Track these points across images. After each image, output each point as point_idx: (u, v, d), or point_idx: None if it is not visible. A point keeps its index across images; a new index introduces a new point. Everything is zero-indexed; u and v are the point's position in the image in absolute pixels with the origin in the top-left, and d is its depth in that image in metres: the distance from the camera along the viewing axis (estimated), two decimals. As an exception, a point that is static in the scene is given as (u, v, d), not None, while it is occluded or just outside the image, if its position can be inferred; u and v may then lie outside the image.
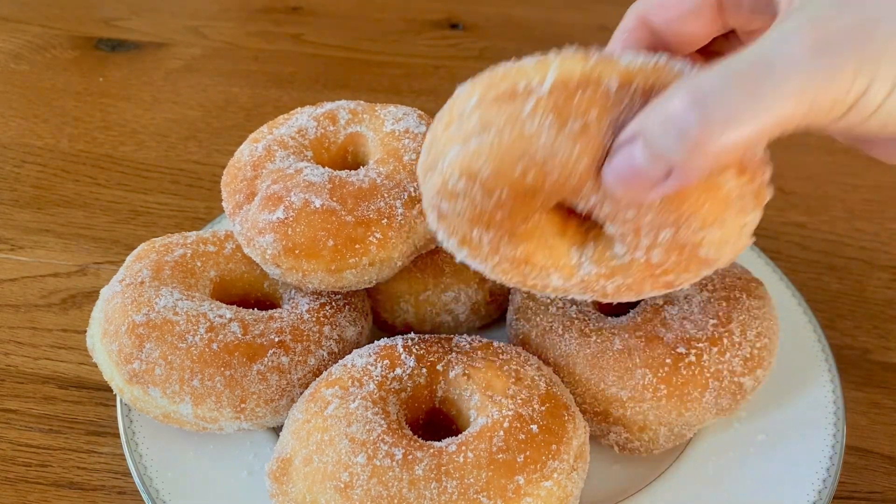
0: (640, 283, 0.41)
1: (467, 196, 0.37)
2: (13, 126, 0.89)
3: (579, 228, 0.42)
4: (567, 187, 0.36)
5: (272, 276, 0.55)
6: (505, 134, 0.35)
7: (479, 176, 0.36)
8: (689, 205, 0.36)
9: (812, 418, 0.56)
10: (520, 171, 0.35)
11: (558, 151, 0.34)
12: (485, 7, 1.14)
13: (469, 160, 0.36)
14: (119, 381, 0.52)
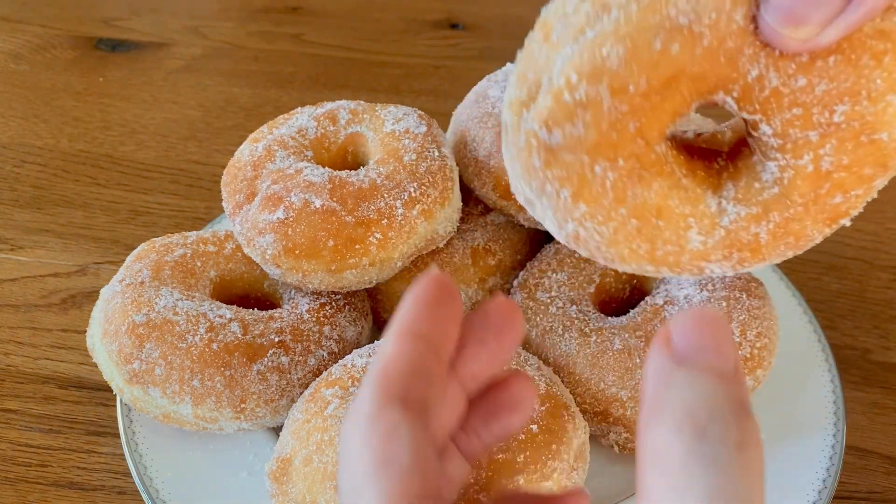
0: (801, 217, 0.33)
1: (590, 106, 0.29)
2: (13, 126, 0.89)
3: (709, 171, 0.34)
4: (720, 60, 0.29)
5: (272, 276, 0.55)
6: (633, 7, 0.28)
7: (607, 69, 0.29)
8: (868, 55, 0.28)
9: (812, 418, 0.56)
10: (661, 45, 0.28)
11: (707, 7, 0.28)
12: (485, 7, 1.14)
13: (590, 53, 0.29)
14: (119, 381, 0.52)
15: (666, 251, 0.34)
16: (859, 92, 0.29)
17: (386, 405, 0.27)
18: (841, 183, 0.32)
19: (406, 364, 0.28)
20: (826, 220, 0.33)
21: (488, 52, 1.06)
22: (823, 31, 0.27)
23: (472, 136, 0.62)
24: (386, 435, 0.26)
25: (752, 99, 0.30)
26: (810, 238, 0.34)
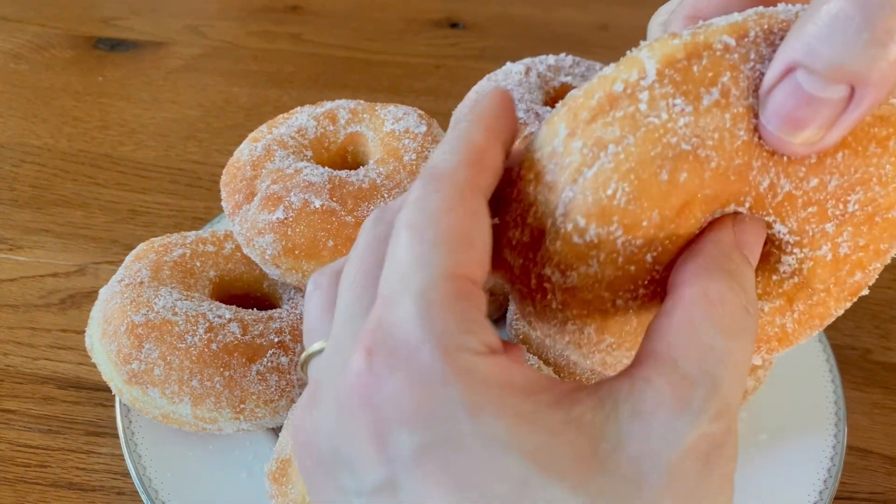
0: (825, 300, 0.33)
1: (603, 246, 0.28)
2: (11, 125, 0.88)
3: None
4: (730, 179, 0.28)
5: (272, 276, 0.54)
6: (630, 140, 0.27)
7: (616, 209, 0.27)
8: (874, 143, 0.28)
9: (813, 418, 0.56)
10: (668, 175, 0.27)
11: (707, 129, 0.27)
12: (485, 6, 1.14)
13: (594, 194, 0.27)
14: (118, 381, 0.51)
15: None
16: (870, 179, 0.29)
17: (475, 192, 0.27)
18: (860, 262, 0.32)
19: (494, 161, 0.29)
20: (848, 296, 0.33)
21: (488, 51, 1.06)
22: (828, 133, 0.27)
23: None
24: (472, 213, 0.27)
25: (766, 205, 0.29)
26: (833, 315, 0.34)
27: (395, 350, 0.24)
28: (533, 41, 1.07)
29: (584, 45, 1.05)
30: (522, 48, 0.89)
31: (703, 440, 0.25)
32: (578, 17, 1.12)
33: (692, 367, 0.25)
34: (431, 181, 0.27)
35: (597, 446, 0.24)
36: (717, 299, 0.27)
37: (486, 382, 0.24)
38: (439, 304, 0.25)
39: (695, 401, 0.25)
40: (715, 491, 0.25)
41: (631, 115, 0.27)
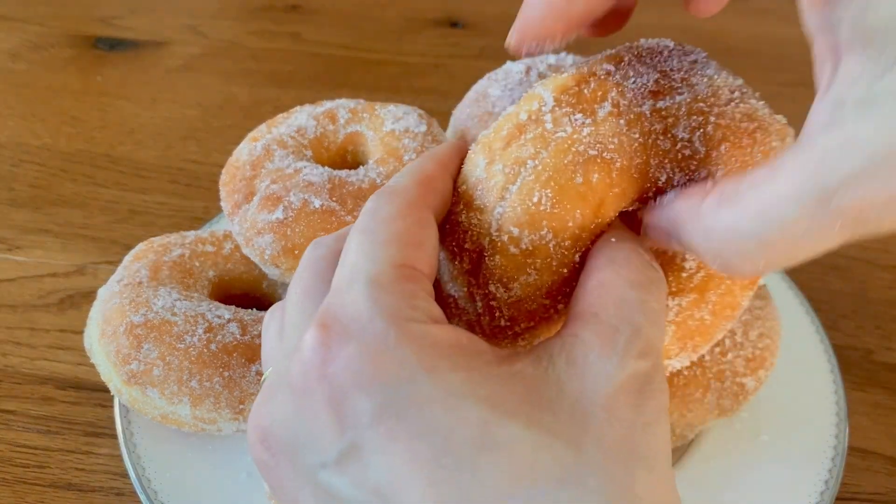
0: (731, 288, 0.36)
1: (538, 253, 0.32)
2: (10, 125, 0.88)
3: None
4: (633, 176, 0.32)
5: (271, 276, 0.54)
6: (543, 153, 0.31)
7: (543, 213, 0.31)
8: (746, 136, 0.33)
9: (814, 419, 0.55)
10: (582, 178, 0.31)
11: (607, 135, 0.31)
12: (485, 5, 1.14)
13: (522, 205, 0.31)
14: (117, 381, 0.51)
15: None
16: (747, 167, 0.33)
17: (423, 206, 0.31)
18: None
19: (443, 188, 0.33)
20: (748, 284, 0.37)
21: (488, 50, 1.05)
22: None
23: (473, 135, 0.61)
24: (421, 221, 0.30)
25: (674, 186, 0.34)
26: (741, 305, 0.37)
27: (347, 325, 0.26)
28: (533, 40, 1.07)
29: (585, 44, 1.05)
30: (522, 47, 0.88)
31: (633, 377, 0.28)
32: (578, 17, 1.12)
33: (612, 317, 0.29)
34: (384, 195, 0.31)
35: (541, 393, 0.27)
36: (622, 261, 0.31)
37: (438, 344, 0.26)
38: (387, 286, 0.27)
39: (619, 344, 0.28)
40: (651, 420, 0.28)
41: (540, 134, 0.31)
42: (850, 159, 0.24)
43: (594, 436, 0.26)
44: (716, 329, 0.37)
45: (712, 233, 0.28)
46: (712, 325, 0.37)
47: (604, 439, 0.26)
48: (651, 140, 0.32)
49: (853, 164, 0.23)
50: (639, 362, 0.28)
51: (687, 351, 0.37)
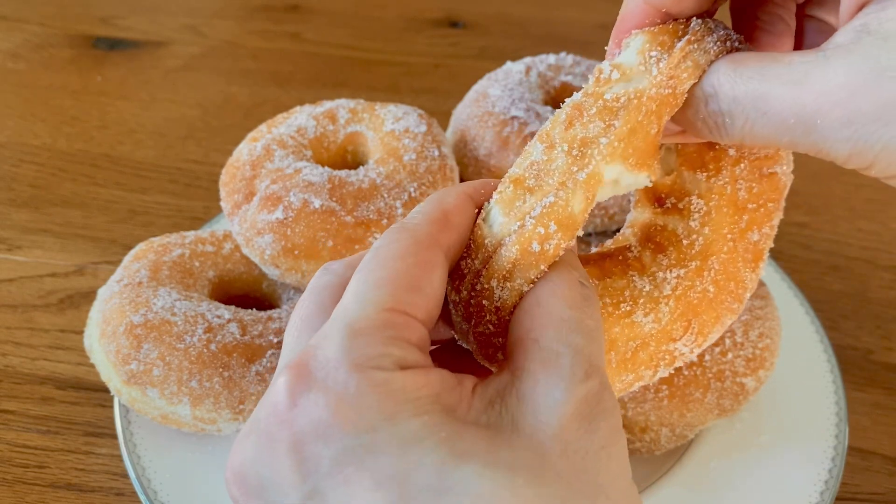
0: (733, 256, 0.37)
1: (545, 258, 0.33)
2: (10, 125, 0.88)
3: (625, 263, 0.38)
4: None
5: (271, 276, 0.54)
6: (616, 123, 0.34)
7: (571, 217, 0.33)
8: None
9: (814, 419, 0.55)
10: (657, 125, 0.34)
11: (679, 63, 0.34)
12: (485, 5, 1.14)
13: (586, 189, 0.33)
14: (117, 381, 0.51)
15: (629, 349, 0.36)
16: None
17: (435, 244, 0.31)
18: (753, 218, 0.37)
19: (460, 224, 0.33)
20: (751, 262, 0.38)
21: (488, 50, 1.05)
22: None
23: (473, 135, 0.61)
24: (424, 263, 0.30)
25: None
26: (744, 281, 0.38)
27: (314, 373, 0.27)
28: (533, 40, 1.07)
29: (585, 44, 1.05)
30: (522, 47, 0.89)
31: (582, 401, 0.28)
32: (579, 17, 1.12)
33: (552, 341, 0.29)
34: (395, 232, 0.31)
35: (499, 431, 0.27)
36: (556, 279, 0.31)
37: (401, 391, 0.27)
38: (363, 332, 0.28)
39: (563, 369, 0.28)
40: (605, 443, 0.28)
41: (602, 107, 0.33)
42: None
43: (553, 470, 0.26)
44: (720, 306, 0.37)
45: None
46: (716, 299, 0.37)
47: (562, 473, 0.27)
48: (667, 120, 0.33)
49: None
50: (585, 384, 0.28)
51: (693, 333, 0.37)
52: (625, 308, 0.35)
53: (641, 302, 0.36)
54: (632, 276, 0.37)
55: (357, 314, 0.28)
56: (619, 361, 0.36)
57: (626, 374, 0.36)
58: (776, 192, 0.38)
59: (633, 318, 0.36)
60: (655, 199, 0.39)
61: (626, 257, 0.38)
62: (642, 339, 0.36)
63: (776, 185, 0.38)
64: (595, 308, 0.32)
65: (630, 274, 0.37)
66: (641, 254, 0.38)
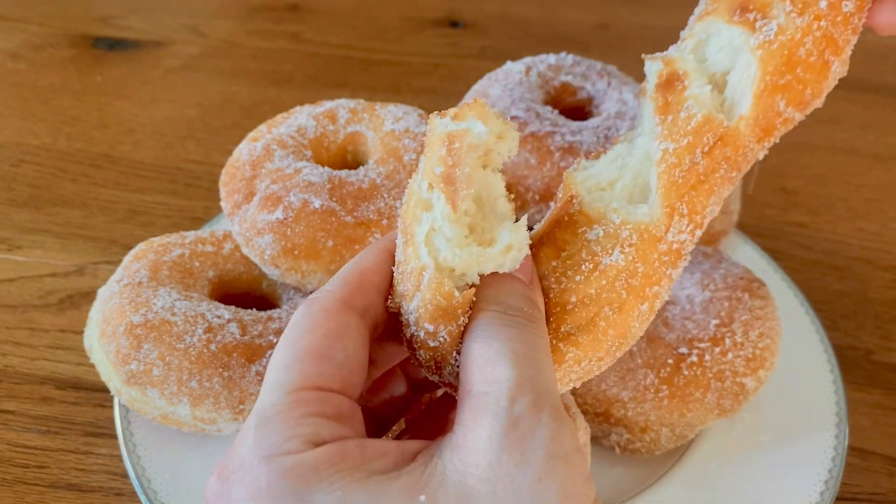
0: (737, 128, 0.34)
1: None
2: (10, 125, 0.88)
3: (570, 226, 0.36)
4: None
5: (271, 276, 0.54)
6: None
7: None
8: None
9: (814, 419, 0.55)
10: None
11: None
12: (485, 5, 1.14)
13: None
14: (117, 381, 0.51)
15: (622, 287, 0.35)
16: None
17: (346, 308, 0.32)
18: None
19: (380, 280, 0.34)
20: (760, 134, 0.35)
21: (488, 50, 1.05)
22: None
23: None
24: (334, 332, 0.31)
25: None
26: (747, 149, 0.35)
27: (234, 471, 0.29)
28: (533, 40, 1.07)
29: (585, 44, 1.05)
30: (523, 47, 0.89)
31: (510, 432, 0.28)
32: (579, 17, 1.12)
33: (479, 384, 0.29)
34: (305, 306, 0.32)
35: (425, 485, 0.27)
36: (485, 321, 0.31)
37: (314, 469, 0.27)
38: (272, 419, 0.29)
39: (489, 407, 0.28)
40: (541, 472, 0.27)
41: None
42: None
43: None
44: (716, 181, 0.35)
45: None
46: (706, 171, 0.35)
47: None
48: None
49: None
50: (511, 412, 0.28)
51: (683, 215, 0.35)
52: (587, 267, 0.35)
53: (599, 249, 0.35)
54: (583, 234, 0.35)
55: (267, 402, 0.30)
56: (623, 305, 0.34)
57: (642, 304, 0.35)
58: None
59: (600, 268, 0.34)
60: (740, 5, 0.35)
61: (571, 213, 0.36)
62: (627, 269, 0.34)
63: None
64: (530, 331, 0.31)
65: (580, 231, 0.35)
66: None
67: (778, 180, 0.82)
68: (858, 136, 0.90)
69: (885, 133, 0.91)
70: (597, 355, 0.35)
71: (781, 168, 0.84)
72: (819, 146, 0.88)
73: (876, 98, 0.96)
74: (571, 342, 0.34)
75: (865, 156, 0.88)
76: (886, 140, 0.90)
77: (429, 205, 0.33)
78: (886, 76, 1.00)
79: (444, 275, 0.32)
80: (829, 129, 0.90)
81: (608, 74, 0.65)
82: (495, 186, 0.34)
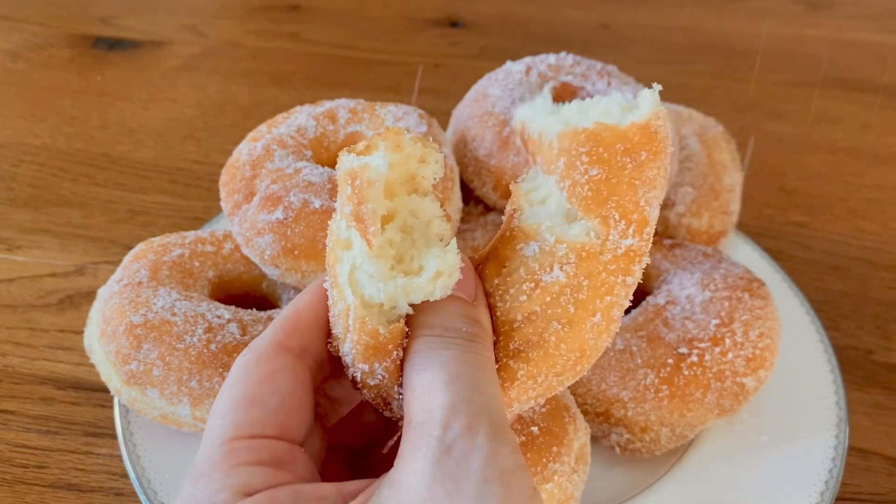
0: None
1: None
2: (10, 125, 0.88)
3: (509, 241, 0.35)
4: None
5: (271, 276, 0.54)
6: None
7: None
8: None
9: (814, 419, 0.55)
10: None
11: None
12: (485, 5, 1.14)
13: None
14: (117, 381, 0.51)
15: (569, 301, 0.33)
16: None
17: (281, 351, 0.32)
18: None
19: (316, 318, 0.33)
20: None
21: (488, 50, 1.05)
22: None
23: (473, 135, 0.61)
24: (265, 376, 0.31)
25: None
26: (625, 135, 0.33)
27: None
28: (533, 40, 1.07)
29: (585, 44, 1.05)
30: (523, 47, 0.89)
31: (442, 459, 0.27)
32: (579, 17, 1.12)
33: (416, 414, 0.29)
34: (242, 354, 0.33)
35: None
36: (422, 349, 0.30)
37: None
38: (204, 472, 0.29)
39: (423, 437, 0.27)
40: (474, 497, 0.26)
41: None
42: None
43: None
44: (620, 172, 0.32)
45: None
46: (612, 176, 0.32)
47: None
48: None
49: None
50: (444, 438, 0.27)
51: (614, 221, 0.33)
52: (528, 286, 0.33)
53: (537, 267, 0.33)
54: (521, 250, 0.34)
55: (201, 455, 0.30)
56: (571, 319, 0.33)
57: (592, 317, 0.33)
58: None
59: (541, 285, 0.33)
60: None
61: (512, 229, 0.35)
62: (570, 284, 0.33)
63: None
64: (464, 350, 0.30)
65: (518, 247, 0.34)
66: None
67: (778, 180, 0.82)
68: (858, 136, 0.90)
69: (885, 133, 0.91)
70: (553, 371, 0.34)
71: (781, 168, 0.84)
72: (819, 146, 0.88)
73: (876, 98, 0.96)
74: (522, 359, 0.33)
75: (865, 156, 0.88)
76: (886, 140, 0.90)
77: (348, 243, 0.32)
78: (886, 76, 1.01)
79: (371, 311, 0.31)
80: (829, 129, 0.90)
81: (608, 74, 0.65)
82: (427, 210, 0.33)
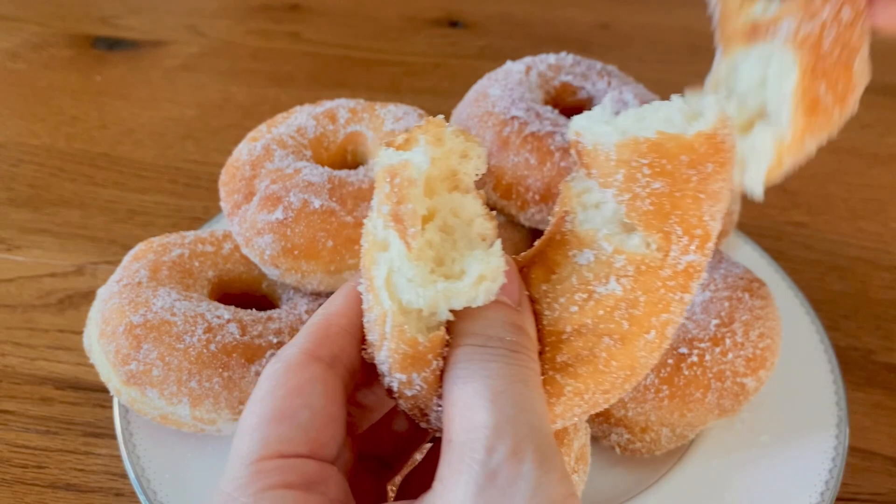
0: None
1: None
2: (10, 125, 0.88)
3: (560, 246, 0.33)
4: None
5: (271, 276, 0.54)
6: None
7: None
8: None
9: (815, 419, 0.55)
10: None
11: None
12: (485, 5, 1.14)
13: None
14: (116, 382, 0.51)
15: (623, 317, 0.31)
16: None
17: (311, 361, 0.30)
18: None
19: (349, 324, 0.32)
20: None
21: (488, 50, 1.05)
22: None
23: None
24: (294, 390, 0.30)
25: None
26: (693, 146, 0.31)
27: None
28: (533, 40, 1.07)
29: (585, 43, 1.05)
30: (523, 47, 0.89)
31: (485, 489, 0.25)
32: (579, 16, 1.12)
33: (460, 435, 0.27)
34: (271, 364, 0.31)
35: None
36: (456, 365, 0.29)
37: None
38: (232, 494, 0.28)
39: (464, 462, 0.26)
40: None
41: None
42: None
43: None
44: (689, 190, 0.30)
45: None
46: (675, 188, 0.30)
47: None
48: None
49: None
50: (487, 465, 0.26)
51: (677, 237, 0.30)
52: (581, 296, 0.31)
53: (591, 276, 0.31)
54: (573, 257, 0.32)
55: (227, 475, 0.29)
56: (625, 336, 0.31)
57: (646, 335, 0.31)
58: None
59: (595, 297, 0.31)
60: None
61: (563, 232, 0.33)
62: (626, 298, 0.30)
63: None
64: (508, 362, 0.29)
65: (570, 254, 0.32)
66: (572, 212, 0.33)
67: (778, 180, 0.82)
68: (858, 136, 0.90)
69: (885, 133, 0.91)
70: (601, 388, 0.32)
71: (781, 168, 0.84)
72: (819, 146, 0.88)
73: (876, 98, 0.96)
74: (569, 374, 0.31)
75: (865, 156, 0.88)
76: (886, 140, 0.90)
77: (385, 245, 0.30)
78: (886, 76, 1.00)
79: (410, 318, 0.29)
80: (829, 129, 0.90)
81: (608, 74, 0.65)
82: (469, 208, 0.31)
